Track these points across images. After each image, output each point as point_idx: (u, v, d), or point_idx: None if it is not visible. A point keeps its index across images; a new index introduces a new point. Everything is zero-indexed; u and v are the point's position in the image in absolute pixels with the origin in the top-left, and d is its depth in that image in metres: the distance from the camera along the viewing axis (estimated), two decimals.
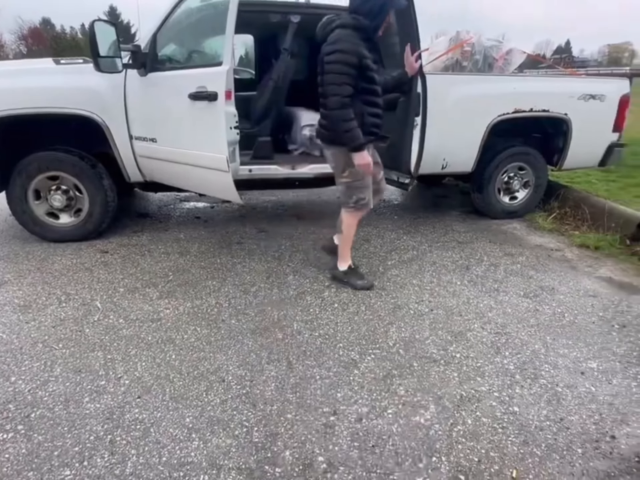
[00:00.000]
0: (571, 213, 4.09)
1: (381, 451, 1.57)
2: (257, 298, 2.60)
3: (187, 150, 3.01)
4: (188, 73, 2.99)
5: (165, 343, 2.15)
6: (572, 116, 3.86)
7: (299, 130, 3.90)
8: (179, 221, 4.00)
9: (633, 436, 1.67)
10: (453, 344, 2.21)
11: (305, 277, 2.89)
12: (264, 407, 1.75)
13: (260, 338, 2.21)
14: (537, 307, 2.59)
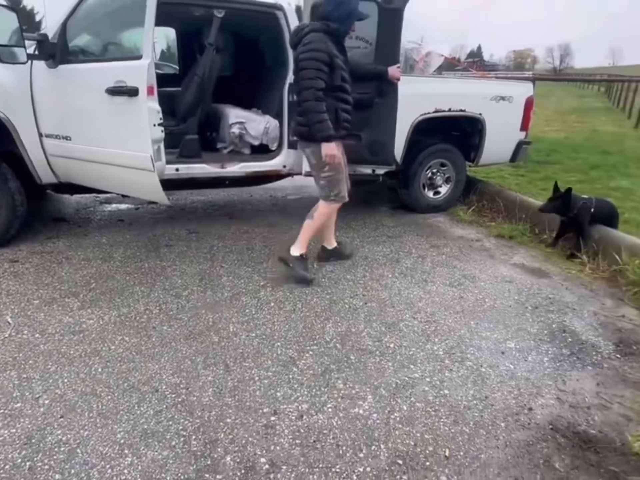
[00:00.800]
0: (488, 206, 4.42)
1: (322, 446, 1.59)
2: (190, 302, 2.51)
3: (107, 149, 2.82)
4: (105, 66, 2.80)
5: (90, 356, 2.00)
6: (486, 116, 4.16)
7: (227, 128, 3.81)
8: (100, 225, 3.74)
9: (546, 406, 1.84)
10: (387, 335, 2.29)
11: (239, 277, 2.84)
12: (202, 414, 1.70)
13: (194, 343, 2.13)
14: (461, 294, 2.76)
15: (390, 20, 3.25)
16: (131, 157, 2.73)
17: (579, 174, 5.50)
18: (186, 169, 3.39)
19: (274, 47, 3.90)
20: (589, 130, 9.81)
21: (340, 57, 2.57)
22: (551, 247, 3.47)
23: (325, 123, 2.51)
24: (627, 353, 2.20)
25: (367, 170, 3.76)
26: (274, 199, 4.75)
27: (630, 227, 3.53)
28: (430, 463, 1.55)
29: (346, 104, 2.67)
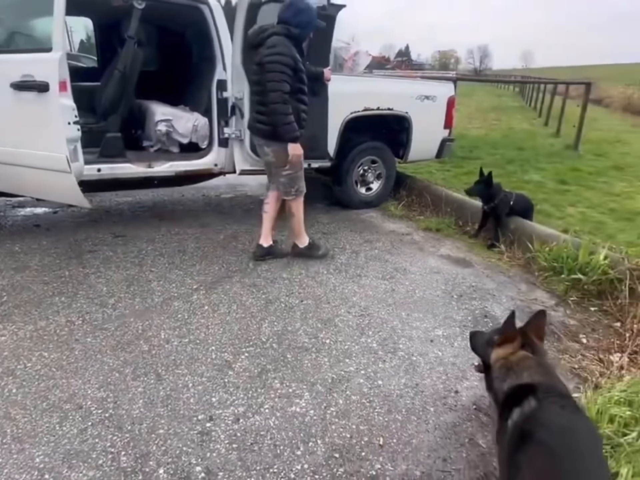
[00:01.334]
0: (417, 200, 4.62)
1: (260, 447, 1.59)
2: (117, 310, 2.38)
3: (17, 149, 2.59)
4: (9, 59, 2.55)
5: (2, 376, 1.83)
6: (412, 114, 4.33)
7: (153, 126, 3.65)
8: (13, 231, 3.43)
9: (471, 388, 1.97)
10: (323, 331, 2.33)
11: (171, 281, 2.74)
12: (132, 428, 1.63)
13: (122, 353, 2.03)
14: (393, 287, 2.87)
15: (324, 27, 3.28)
16: (45, 158, 2.52)
17: (497, 169, 5.89)
18: (109, 169, 3.20)
19: (200, 43, 3.79)
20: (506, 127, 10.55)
21: (300, 61, 2.70)
22: (474, 238, 3.70)
23: (293, 125, 2.68)
24: None
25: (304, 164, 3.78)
26: (207, 199, 4.63)
27: (541, 217, 3.86)
28: (365, 453, 1.60)
29: (304, 105, 2.84)
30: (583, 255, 2.82)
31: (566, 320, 2.54)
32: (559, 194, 4.82)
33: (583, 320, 2.53)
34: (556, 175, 5.61)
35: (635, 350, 2.22)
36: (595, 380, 2.01)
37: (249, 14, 3.06)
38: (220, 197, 4.70)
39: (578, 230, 3.40)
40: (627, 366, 2.10)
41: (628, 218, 4.06)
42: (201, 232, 3.59)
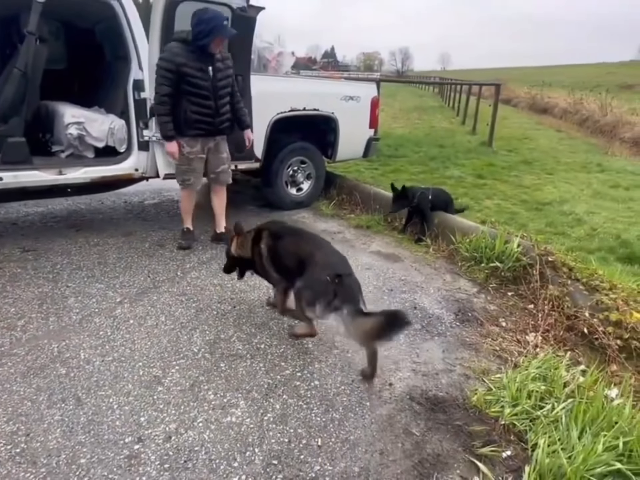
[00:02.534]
0: (347, 199, 4.71)
1: (194, 464, 1.52)
2: (28, 332, 2.17)
3: None
4: None
5: None
6: (338, 115, 4.41)
7: (63, 129, 3.36)
8: None
9: (404, 379, 2.04)
10: (257, 336, 2.28)
11: (90, 296, 2.54)
12: (49, 461, 1.48)
13: (35, 379, 1.85)
14: None
15: (243, 28, 3.23)
16: None
17: (421, 166, 6.20)
18: (13, 177, 2.92)
19: (112, 40, 3.57)
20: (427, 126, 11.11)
21: (193, 66, 2.86)
22: (402, 233, 3.84)
23: (166, 125, 2.94)
24: (464, 320, 2.55)
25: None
26: (129, 205, 4.37)
27: None
28: (304, 456, 1.59)
29: (198, 107, 2.97)
30: (499, 245, 3.03)
31: (487, 306, 2.71)
32: (477, 187, 5.15)
33: (502, 305, 2.72)
34: (474, 171, 6.00)
35: (546, 328, 2.43)
36: (514, 360, 2.16)
37: (167, 12, 2.93)
38: (144, 204, 4.46)
39: (494, 221, 3.64)
40: (540, 344, 2.29)
41: (537, 208, 4.44)
42: (124, 241, 3.38)
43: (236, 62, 3.36)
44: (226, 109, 3.12)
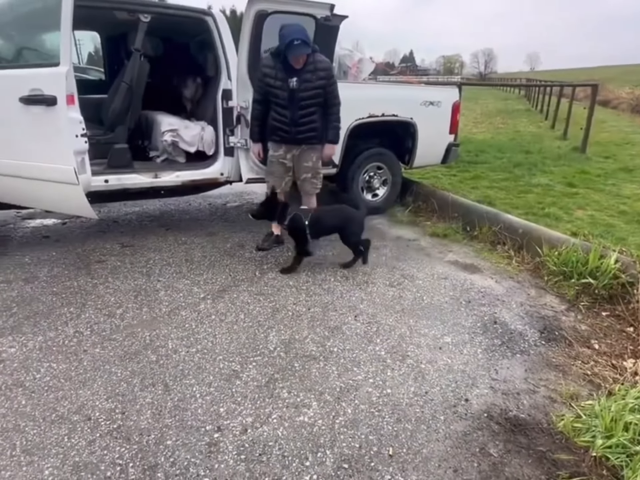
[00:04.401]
0: (423, 206, 4.61)
1: (268, 458, 1.57)
2: (125, 320, 2.39)
3: (26, 162, 2.62)
4: (17, 74, 2.60)
5: (12, 388, 1.84)
6: (417, 120, 4.33)
7: (159, 136, 3.68)
8: (22, 242, 3.47)
9: (481, 396, 1.94)
10: (330, 339, 2.31)
11: (178, 291, 2.74)
12: (140, 439, 1.62)
13: (130, 364, 2.03)
14: (400, 294, 2.85)
15: (326, 36, 3.32)
16: (53, 171, 2.55)
17: (504, 172, 5.88)
18: (116, 180, 3.23)
19: (205, 53, 3.82)
20: (512, 131, 10.52)
21: (275, 76, 3.00)
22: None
23: (251, 127, 3.26)
24: (550, 339, 2.38)
25: None
26: (213, 207, 4.65)
27: (550, 221, 3.82)
28: (375, 463, 1.58)
29: (278, 115, 3.11)
30: (593, 259, 2.79)
31: (577, 325, 2.50)
32: (567, 197, 4.77)
33: (595, 326, 2.49)
34: (564, 178, 5.56)
35: None
36: (608, 387, 1.97)
37: (256, 24, 3.09)
38: (227, 206, 4.72)
39: (587, 234, 3.35)
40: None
41: (638, 221, 4.01)
42: (208, 240, 3.61)
43: None
44: (309, 119, 3.11)
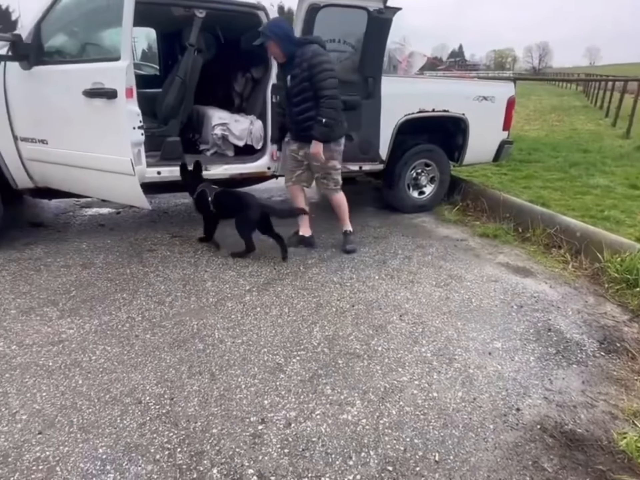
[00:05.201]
0: (472, 205, 4.45)
1: (311, 454, 1.57)
2: (174, 308, 2.46)
3: (86, 153, 2.74)
4: (81, 68, 2.72)
5: (70, 367, 1.93)
6: (469, 116, 4.19)
7: (210, 130, 3.75)
8: (80, 230, 3.65)
9: (534, 406, 1.85)
10: (375, 338, 2.28)
11: (224, 282, 2.79)
12: (187, 425, 1.66)
13: (179, 351, 2.08)
14: (448, 295, 2.76)
15: (378, 29, 3.27)
16: (111, 161, 2.66)
17: (559, 172, 5.58)
18: (168, 172, 3.32)
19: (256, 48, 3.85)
20: (568, 128, 9.98)
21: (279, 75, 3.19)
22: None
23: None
24: (611, 350, 2.23)
25: (355, 167, 3.79)
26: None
27: (609, 224, 3.59)
28: (420, 468, 1.54)
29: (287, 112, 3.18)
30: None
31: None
32: (630, 199, 4.47)
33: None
34: (626, 180, 5.21)
35: None
36: None
37: (307, 18, 3.08)
38: (272, 200, 4.76)
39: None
40: None
41: None
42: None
43: (368, 64, 3.42)
44: (305, 116, 2.97)
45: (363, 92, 3.45)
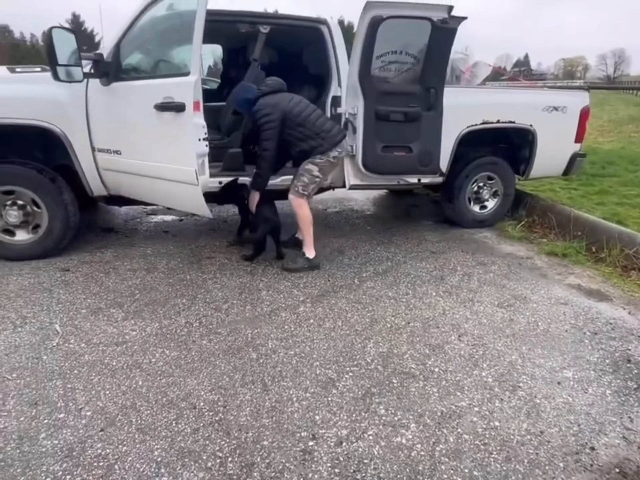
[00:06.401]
0: (539, 221, 4.19)
1: (363, 476, 1.51)
2: (230, 316, 2.50)
3: (154, 163, 2.89)
4: (154, 83, 2.88)
5: (131, 368, 2.02)
6: (537, 127, 3.97)
7: None
8: (146, 236, 3.85)
9: (611, 446, 1.67)
10: (431, 358, 2.18)
11: (279, 292, 2.81)
12: (239, 435, 1.66)
13: (233, 359, 2.11)
14: (511, 316, 2.60)
15: (442, 39, 3.21)
16: (177, 171, 2.78)
17: (638, 188, 5.13)
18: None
19: (317, 61, 3.90)
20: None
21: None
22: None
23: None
24: None
25: (413, 180, 3.70)
26: (314, 212, 4.69)
27: None
28: None
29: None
30: None
31: None
32: None
33: None
34: None
35: None
36: None
37: (370, 30, 3.08)
38: (327, 211, 4.77)
39: None
40: None
41: None
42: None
43: (431, 75, 3.34)
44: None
45: (424, 103, 3.37)
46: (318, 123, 3.03)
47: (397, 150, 3.47)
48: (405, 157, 3.48)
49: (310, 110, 3.05)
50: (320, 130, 3.01)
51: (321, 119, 3.07)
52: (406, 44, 3.39)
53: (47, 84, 2.81)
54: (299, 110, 3.00)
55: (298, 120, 2.97)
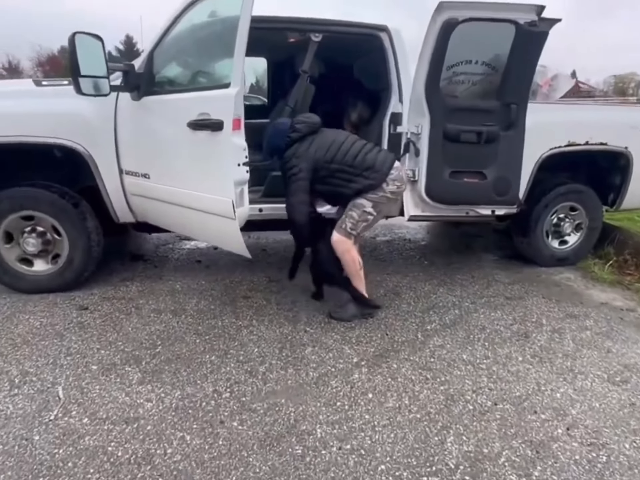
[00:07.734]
0: (633, 261, 3.50)
1: None
2: (268, 383, 2.01)
3: (185, 190, 2.48)
4: (188, 97, 2.48)
5: (140, 463, 1.55)
6: (633, 150, 3.34)
7: None
8: (177, 266, 3.45)
9: None
10: (537, 465, 1.60)
11: (327, 349, 2.30)
12: None
13: (271, 455, 1.61)
14: (630, 398, 1.98)
15: (529, 46, 2.67)
16: (210, 201, 2.35)
17: None
18: (271, 209, 2.99)
19: (374, 73, 3.44)
20: None
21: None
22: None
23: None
24: None
25: (486, 212, 3.12)
26: (363, 241, 4.21)
27: None
28: None
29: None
30: None
31: None
32: None
33: None
34: None
35: None
36: None
37: (442, 35, 2.59)
38: (376, 240, 4.26)
39: None
40: None
41: None
42: None
43: (513, 88, 2.81)
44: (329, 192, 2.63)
45: (503, 121, 2.83)
46: (357, 162, 2.47)
47: (468, 177, 2.93)
48: (477, 185, 2.93)
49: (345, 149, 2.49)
50: (363, 169, 2.46)
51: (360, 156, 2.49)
52: (482, 52, 2.87)
53: (72, 98, 2.46)
54: (330, 156, 2.46)
55: (333, 167, 2.46)
